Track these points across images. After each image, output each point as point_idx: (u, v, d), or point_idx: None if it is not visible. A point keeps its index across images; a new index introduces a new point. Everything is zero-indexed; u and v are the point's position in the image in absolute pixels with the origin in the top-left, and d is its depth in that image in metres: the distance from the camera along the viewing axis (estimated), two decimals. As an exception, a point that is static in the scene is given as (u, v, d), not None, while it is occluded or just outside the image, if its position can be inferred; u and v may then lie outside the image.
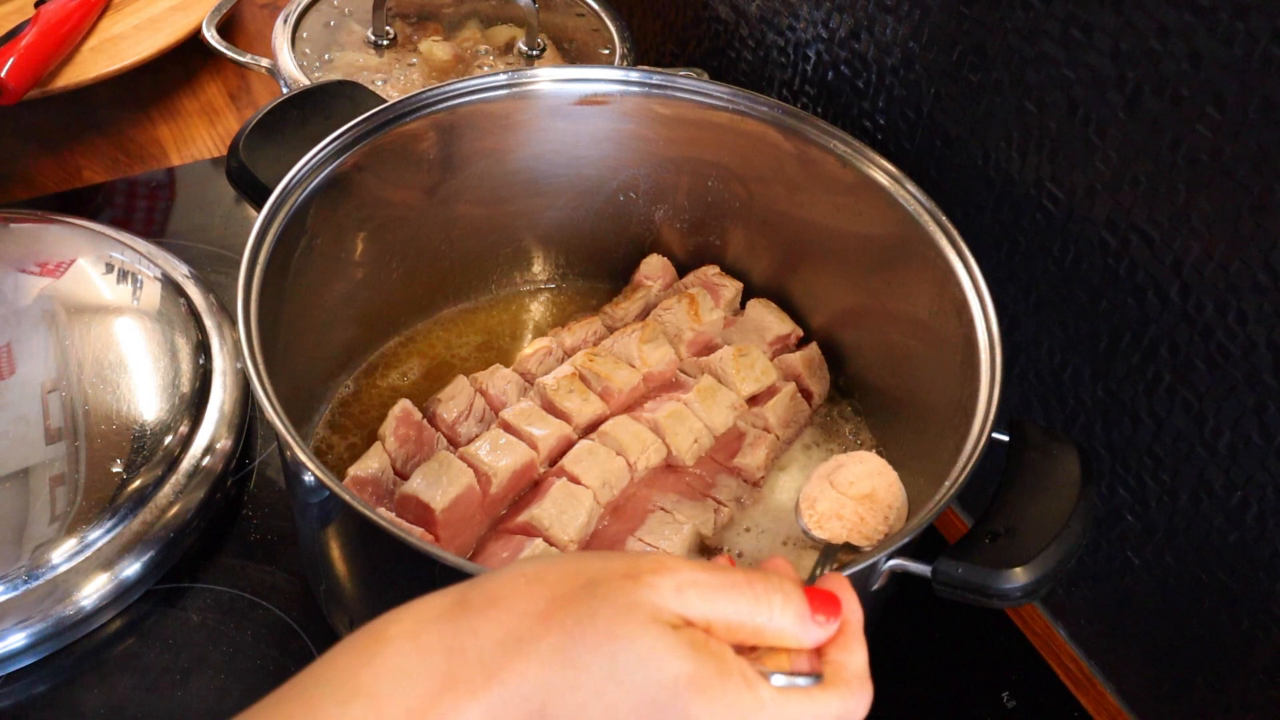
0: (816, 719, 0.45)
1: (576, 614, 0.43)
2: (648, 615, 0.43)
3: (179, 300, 0.88)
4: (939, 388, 0.75)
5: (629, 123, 0.86)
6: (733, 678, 0.43)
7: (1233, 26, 0.60)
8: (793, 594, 0.46)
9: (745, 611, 0.45)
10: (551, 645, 0.42)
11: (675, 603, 0.43)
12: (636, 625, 0.42)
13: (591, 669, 0.42)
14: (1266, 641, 0.70)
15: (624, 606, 0.43)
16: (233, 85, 1.23)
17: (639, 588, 0.43)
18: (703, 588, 0.44)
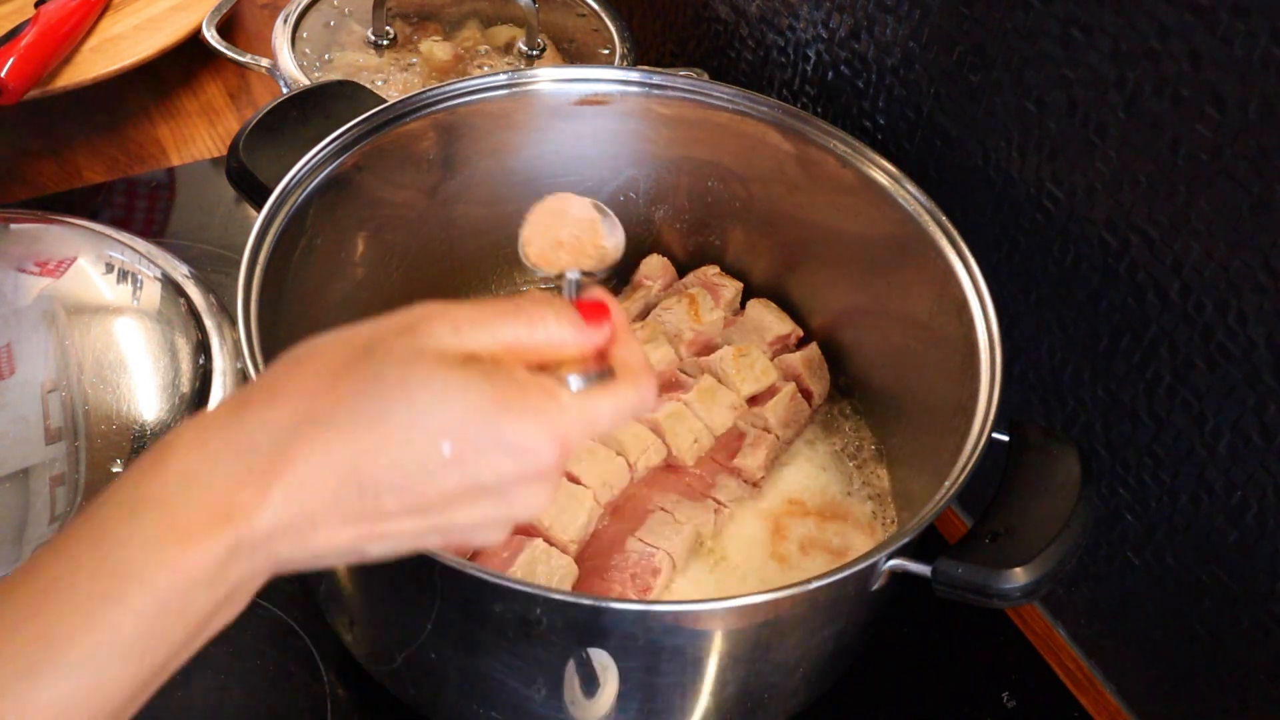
0: (616, 411, 0.47)
1: (364, 376, 0.42)
2: (433, 358, 0.43)
3: (179, 300, 0.88)
4: (939, 388, 0.75)
5: (629, 123, 0.86)
6: (531, 390, 0.44)
7: (1233, 26, 0.60)
8: (563, 307, 0.47)
9: (524, 332, 0.46)
10: (347, 411, 0.42)
11: (455, 341, 0.44)
12: (425, 369, 0.42)
13: (392, 421, 0.42)
14: (1266, 641, 0.70)
15: (408, 357, 0.43)
16: (233, 85, 1.23)
17: (417, 337, 0.43)
18: (478, 321, 0.45)
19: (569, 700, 0.64)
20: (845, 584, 0.60)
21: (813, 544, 0.78)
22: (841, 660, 0.72)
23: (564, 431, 0.44)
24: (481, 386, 0.43)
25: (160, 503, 0.40)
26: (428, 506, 0.43)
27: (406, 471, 0.42)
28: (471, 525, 0.45)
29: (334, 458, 0.41)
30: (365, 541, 0.43)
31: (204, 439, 0.42)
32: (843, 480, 0.83)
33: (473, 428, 0.42)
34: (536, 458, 0.43)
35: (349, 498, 0.42)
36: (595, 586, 0.72)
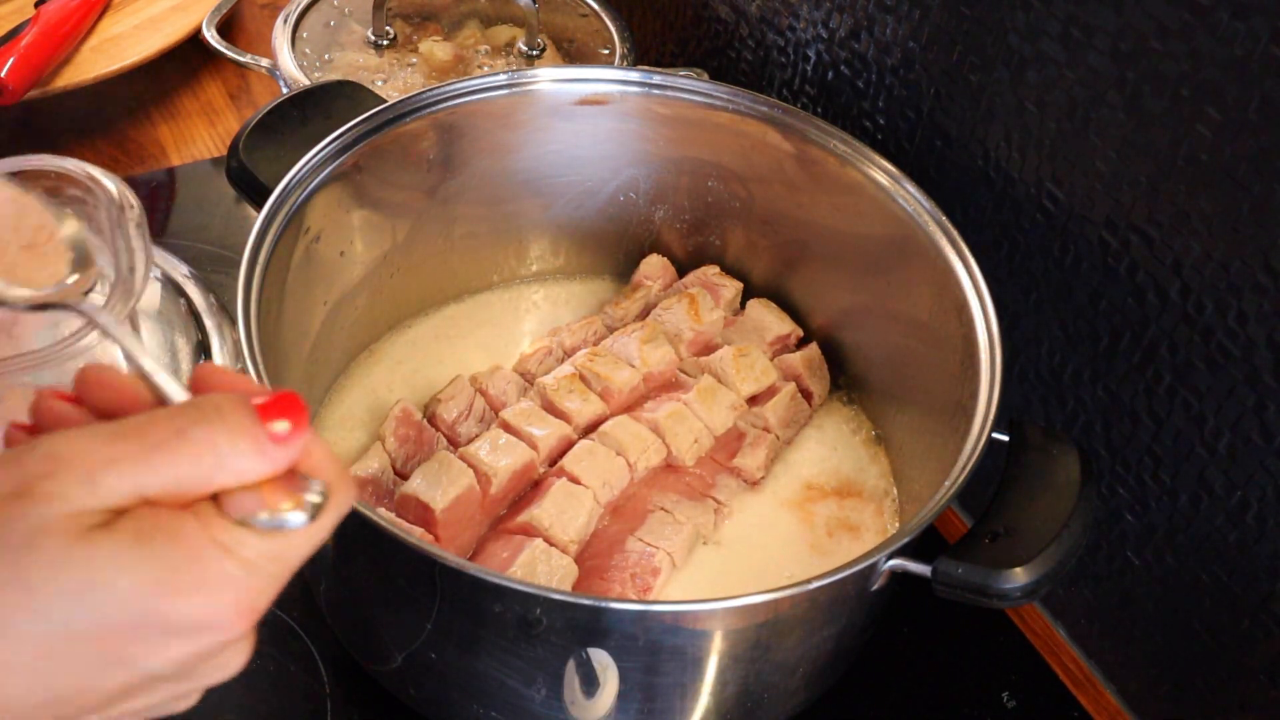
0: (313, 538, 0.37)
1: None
2: (61, 534, 0.33)
3: (179, 300, 0.88)
4: (939, 388, 0.75)
5: (629, 123, 0.86)
6: (201, 553, 0.34)
7: (1233, 26, 0.60)
8: (238, 422, 0.36)
9: (188, 472, 0.35)
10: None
11: (92, 499, 0.34)
12: (51, 553, 0.33)
13: (28, 637, 0.33)
14: (1266, 641, 0.70)
15: (27, 538, 0.33)
16: (233, 85, 1.23)
17: (36, 504, 0.33)
18: (121, 465, 0.34)
19: (569, 700, 0.64)
20: (845, 584, 0.60)
21: (838, 525, 0.79)
22: (841, 660, 0.72)
23: (252, 598, 0.36)
24: (135, 564, 0.33)
25: None
26: (94, 707, 0.36)
27: (54, 688, 0.34)
28: (157, 706, 0.38)
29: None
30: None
31: None
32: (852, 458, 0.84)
33: (129, 621, 0.34)
34: (217, 634, 0.36)
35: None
36: (595, 586, 0.72)
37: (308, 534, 0.37)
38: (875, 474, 0.83)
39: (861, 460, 0.84)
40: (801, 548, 0.78)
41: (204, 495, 0.36)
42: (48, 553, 0.33)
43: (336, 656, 0.77)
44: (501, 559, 0.71)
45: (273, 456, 0.36)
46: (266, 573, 0.36)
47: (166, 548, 0.34)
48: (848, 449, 0.85)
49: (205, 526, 0.35)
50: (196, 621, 0.35)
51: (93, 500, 0.34)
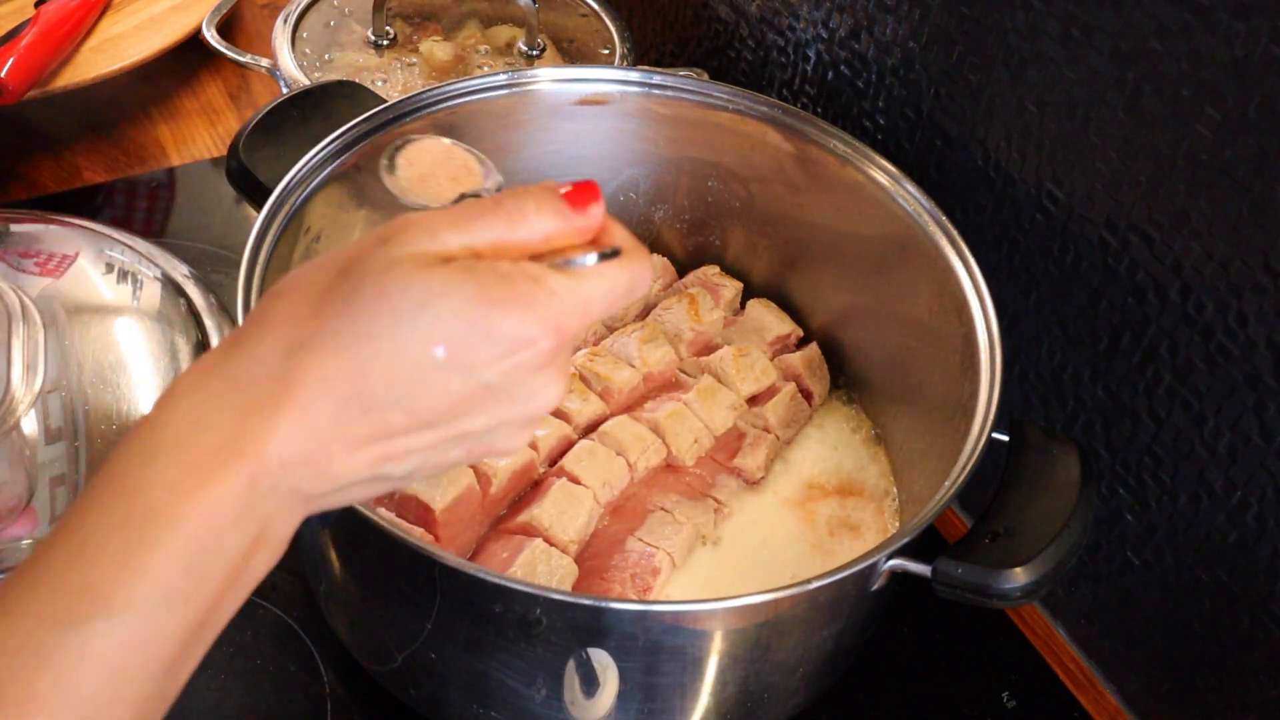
0: (609, 292, 0.45)
1: (343, 294, 0.42)
2: (410, 264, 0.42)
3: (179, 300, 0.88)
4: (939, 388, 0.75)
5: (629, 123, 0.86)
6: (516, 280, 0.42)
7: (1233, 26, 0.60)
8: (544, 195, 0.45)
9: (503, 228, 0.44)
10: (333, 331, 0.41)
11: (433, 245, 0.43)
12: (404, 275, 0.41)
13: (381, 333, 0.41)
14: (1266, 641, 0.70)
15: (384, 267, 0.42)
16: (233, 85, 1.23)
17: (391, 247, 0.43)
18: (456, 224, 0.43)
19: (569, 700, 0.64)
20: (845, 584, 0.60)
21: (839, 524, 0.79)
22: (841, 660, 0.72)
23: (557, 319, 0.42)
24: (463, 284, 0.41)
25: (173, 446, 0.40)
26: (436, 418, 0.42)
27: (405, 383, 0.41)
28: (488, 430, 0.44)
29: (330, 380, 0.41)
30: (384, 463, 0.43)
31: (203, 382, 0.41)
32: (853, 457, 0.84)
33: (461, 327, 0.41)
34: (534, 348, 0.42)
35: (354, 419, 0.41)
36: (595, 586, 0.72)
37: (599, 272, 0.45)
38: (875, 473, 0.83)
39: (862, 459, 0.84)
40: (803, 547, 0.78)
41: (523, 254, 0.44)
42: (401, 275, 0.41)
43: (336, 656, 0.77)
44: (501, 559, 0.71)
45: (569, 219, 0.45)
46: (568, 300, 0.43)
47: (487, 275, 0.42)
48: (848, 448, 0.85)
49: (516, 264, 0.43)
50: (514, 331, 0.42)
51: (433, 246, 0.43)
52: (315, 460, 0.41)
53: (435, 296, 0.41)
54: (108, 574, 0.38)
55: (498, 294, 0.42)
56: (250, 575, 0.43)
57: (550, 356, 0.43)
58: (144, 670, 0.39)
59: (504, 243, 0.44)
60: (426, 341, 0.41)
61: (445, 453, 0.44)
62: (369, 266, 0.42)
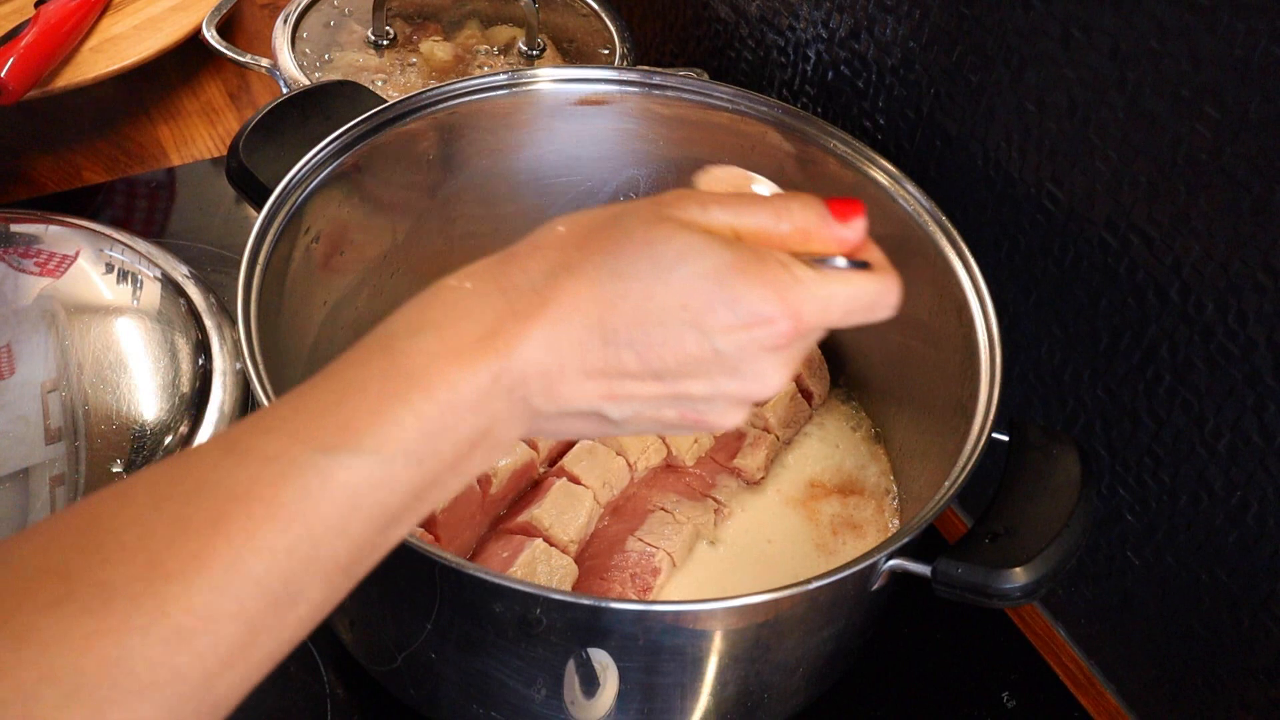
0: (853, 298, 0.46)
1: (613, 235, 0.45)
2: (679, 223, 0.45)
3: (179, 300, 0.88)
4: (939, 388, 0.75)
5: (629, 123, 0.86)
6: (769, 261, 0.45)
7: (1233, 26, 0.60)
8: (810, 199, 0.47)
9: (767, 219, 0.46)
10: (596, 264, 0.44)
11: (701, 216, 0.46)
12: (669, 230, 0.45)
13: (637, 274, 0.44)
14: (1266, 641, 0.70)
15: (654, 220, 0.45)
16: (233, 85, 1.23)
17: (664, 207, 0.46)
18: (726, 204, 0.46)
19: (569, 700, 0.64)
20: (845, 584, 0.60)
21: (842, 523, 0.79)
22: (841, 660, 0.72)
23: (797, 305, 0.44)
24: (721, 251, 0.44)
25: (438, 326, 0.43)
26: (664, 370, 0.44)
27: (645, 326, 0.44)
28: (706, 398, 0.46)
29: (582, 303, 0.44)
30: (606, 400, 0.45)
31: (475, 282, 0.45)
32: (854, 456, 0.84)
33: (709, 287, 0.44)
34: (769, 327, 0.44)
35: (593, 347, 0.44)
36: (595, 586, 0.72)
37: (846, 277, 0.46)
38: (876, 472, 0.83)
39: (862, 458, 0.84)
40: (807, 546, 0.78)
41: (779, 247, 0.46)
42: (667, 229, 0.45)
43: (336, 656, 0.77)
44: (501, 559, 0.71)
45: (830, 225, 0.47)
46: (812, 291, 0.45)
47: (742, 249, 0.44)
48: (849, 446, 0.85)
49: (772, 250, 0.45)
50: (755, 305, 0.44)
51: (702, 217, 0.46)
52: (550, 375, 0.44)
53: (693, 254, 0.44)
54: (362, 417, 0.42)
55: (750, 268, 0.44)
56: (468, 466, 0.44)
57: (784, 340, 0.45)
58: (370, 513, 0.42)
59: (766, 232, 0.46)
60: (675, 293, 0.44)
61: (661, 410, 0.46)
62: (642, 217, 0.45)
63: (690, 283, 0.44)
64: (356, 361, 0.43)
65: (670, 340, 0.44)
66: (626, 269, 0.44)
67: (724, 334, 0.44)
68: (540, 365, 0.43)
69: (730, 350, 0.44)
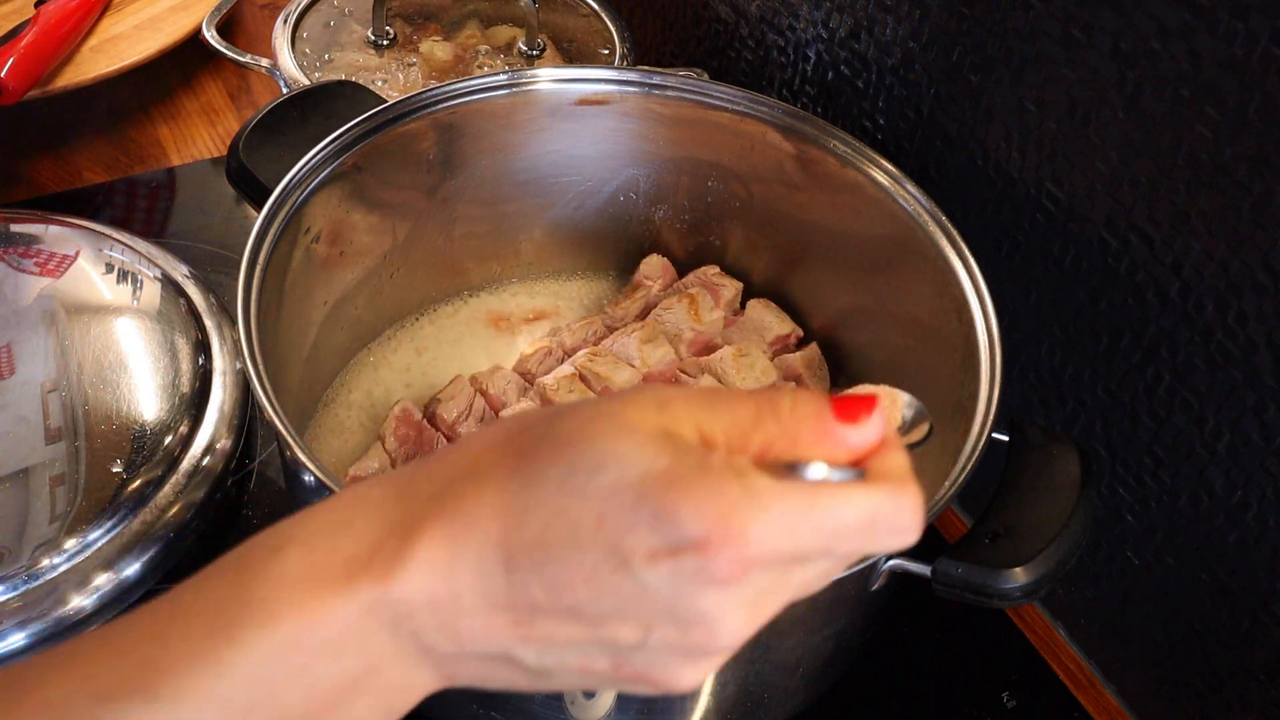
0: (835, 518, 0.35)
1: (538, 433, 0.36)
2: (619, 422, 0.36)
3: (179, 300, 0.88)
4: (939, 388, 0.74)
5: (629, 123, 0.86)
6: (716, 470, 0.34)
7: (1233, 26, 0.60)
8: (806, 394, 0.37)
9: (746, 418, 0.36)
10: (507, 468, 0.36)
11: (658, 414, 0.36)
12: (600, 429, 0.35)
13: (547, 484, 0.35)
14: (1266, 641, 0.70)
15: (590, 416, 0.36)
16: (233, 85, 1.23)
17: (614, 404, 0.37)
18: (692, 398, 0.37)
19: (569, 700, 0.64)
20: (845, 584, 0.60)
21: None
22: (841, 660, 0.72)
23: (743, 526, 0.34)
24: (654, 456, 0.35)
25: (305, 543, 0.36)
26: (580, 607, 0.35)
27: (553, 547, 0.35)
28: (640, 647, 0.36)
29: (482, 517, 0.36)
30: (519, 643, 0.37)
31: (370, 488, 0.38)
32: None
33: (629, 500, 0.34)
34: (703, 556, 0.34)
35: (494, 573, 0.35)
36: (595, 586, 0.72)
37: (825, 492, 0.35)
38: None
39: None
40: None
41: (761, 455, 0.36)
42: (599, 428, 0.36)
43: (336, 656, 0.77)
44: (501, 559, 0.71)
45: (829, 424, 0.36)
46: (767, 508, 0.34)
47: (686, 456, 0.35)
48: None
49: (730, 457, 0.36)
50: (684, 526, 0.34)
51: (659, 417, 0.36)
52: (443, 605, 0.36)
53: (616, 460, 0.35)
54: (174, 655, 0.35)
55: (687, 476, 0.34)
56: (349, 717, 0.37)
57: (725, 574, 0.34)
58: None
59: (744, 434, 0.37)
60: (591, 507, 0.35)
61: (590, 659, 0.37)
62: (579, 414, 0.37)
63: (610, 495, 0.34)
64: (202, 580, 0.37)
65: (584, 569, 0.35)
66: (539, 475, 0.35)
67: (648, 563, 0.34)
68: (429, 593, 0.35)
69: (659, 585, 0.34)
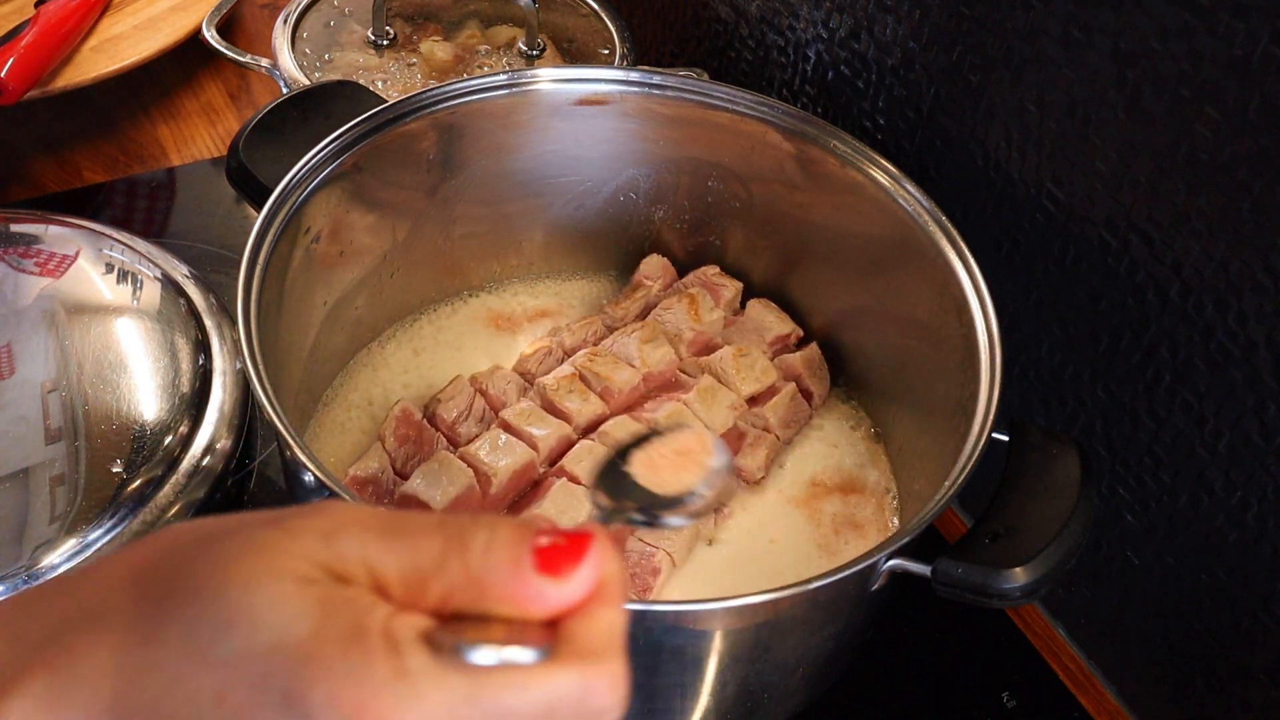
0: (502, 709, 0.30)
1: (170, 573, 0.31)
2: (264, 566, 0.31)
3: (179, 300, 0.88)
4: (939, 388, 0.75)
5: (629, 123, 0.86)
6: (368, 641, 0.30)
7: (1233, 26, 0.60)
8: (506, 535, 0.32)
9: (428, 556, 0.31)
10: (129, 618, 0.31)
11: (321, 549, 0.31)
12: (240, 572, 0.31)
13: (168, 642, 0.31)
14: (1266, 641, 0.70)
15: (236, 553, 0.31)
16: (233, 85, 1.23)
17: (270, 531, 0.32)
18: (369, 528, 0.32)
19: (569, 700, 0.64)
20: (845, 584, 0.60)
21: (844, 522, 0.79)
22: (841, 660, 0.72)
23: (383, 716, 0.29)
24: (296, 620, 0.30)
25: None
26: None
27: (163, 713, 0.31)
28: None
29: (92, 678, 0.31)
30: None
31: None
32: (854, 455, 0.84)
33: (257, 677, 0.30)
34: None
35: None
36: (595, 586, 0.72)
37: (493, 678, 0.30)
38: (876, 471, 0.83)
39: (862, 457, 0.84)
40: (809, 546, 0.78)
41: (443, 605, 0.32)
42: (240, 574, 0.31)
43: (336, 656, 0.77)
44: (501, 559, 0.71)
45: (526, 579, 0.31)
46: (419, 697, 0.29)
47: (338, 620, 0.30)
48: (849, 445, 0.85)
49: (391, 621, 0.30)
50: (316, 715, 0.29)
51: (321, 551, 0.31)
52: None
53: (249, 620, 0.30)
54: None
55: (327, 651, 0.29)
56: None
57: None
58: None
59: (423, 578, 0.31)
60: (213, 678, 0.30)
61: None
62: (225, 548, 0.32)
63: (235, 665, 0.30)
64: None
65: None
66: (157, 631, 0.31)
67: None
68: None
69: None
